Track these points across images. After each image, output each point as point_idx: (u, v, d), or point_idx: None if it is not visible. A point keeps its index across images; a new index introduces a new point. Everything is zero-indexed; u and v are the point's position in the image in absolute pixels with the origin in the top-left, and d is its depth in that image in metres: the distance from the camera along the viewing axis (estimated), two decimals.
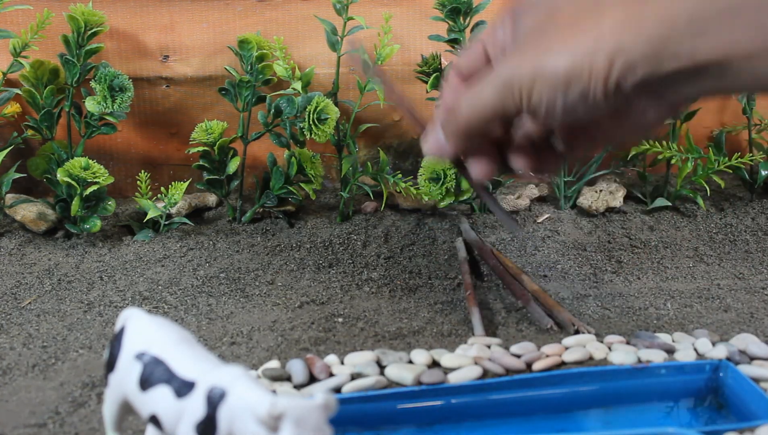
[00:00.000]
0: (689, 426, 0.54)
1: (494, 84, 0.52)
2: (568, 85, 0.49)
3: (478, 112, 0.53)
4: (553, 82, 0.50)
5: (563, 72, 0.49)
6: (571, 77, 0.49)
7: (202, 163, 0.85)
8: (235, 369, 0.41)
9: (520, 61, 0.51)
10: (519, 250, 0.83)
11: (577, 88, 0.49)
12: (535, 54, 0.50)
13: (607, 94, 0.49)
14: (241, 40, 0.85)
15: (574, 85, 0.49)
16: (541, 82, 0.50)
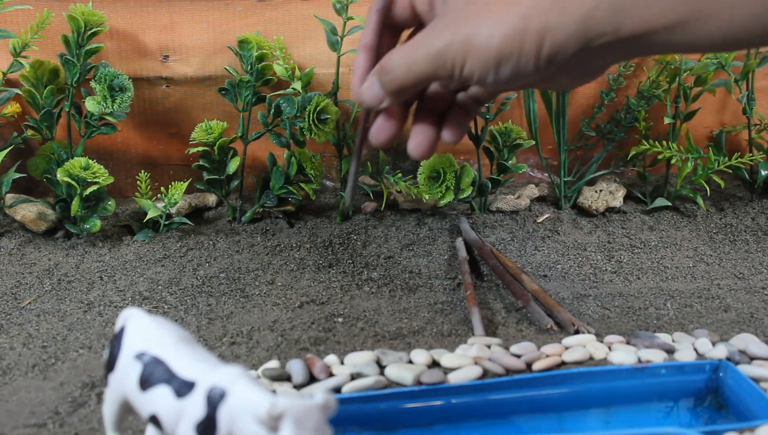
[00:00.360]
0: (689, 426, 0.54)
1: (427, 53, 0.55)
2: (499, 63, 0.52)
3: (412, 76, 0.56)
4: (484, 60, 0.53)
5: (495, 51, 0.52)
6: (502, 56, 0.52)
7: (202, 163, 0.85)
8: (235, 369, 0.41)
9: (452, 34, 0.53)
10: (519, 250, 0.83)
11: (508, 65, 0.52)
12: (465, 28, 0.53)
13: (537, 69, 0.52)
14: (241, 40, 0.85)
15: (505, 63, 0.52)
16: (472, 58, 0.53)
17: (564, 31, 0.50)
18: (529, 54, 0.52)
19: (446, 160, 0.85)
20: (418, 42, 0.56)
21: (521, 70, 0.53)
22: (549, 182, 0.98)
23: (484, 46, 0.52)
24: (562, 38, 0.51)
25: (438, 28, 0.55)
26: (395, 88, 0.58)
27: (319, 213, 0.90)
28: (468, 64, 0.54)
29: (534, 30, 0.51)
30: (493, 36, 0.52)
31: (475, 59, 0.53)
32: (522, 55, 0.52)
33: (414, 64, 0.56)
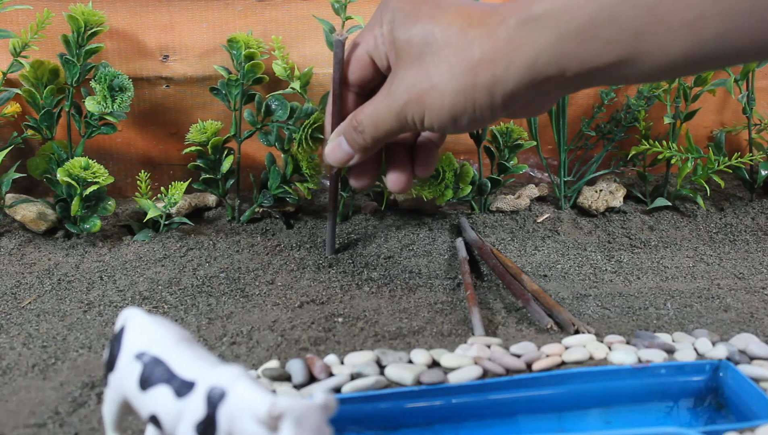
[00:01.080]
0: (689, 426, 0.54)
1: (390, 111, 0.59)
2: (455, 119, 0.56)
3: (381, 131, 0.60)
4: (439, 115, 0.56)
5: (448, 108, 0.55)
6: (455, 111, 0.55)
7: (198, 162, 0.85)
8: (235, 369, 0.41)
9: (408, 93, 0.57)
10: (519, 250, 0.83)
11: (464, 118, 0.55)
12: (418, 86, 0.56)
13: (494, 116, 0.55)
14: (230, 39, 0.85)
15: (461, 117, 0.55)
16: (429, 114, 0.56)
17: (512, 80, 0.52)
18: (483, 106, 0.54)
19: (446, 158, 0.85)
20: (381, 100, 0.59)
21: (478, 119, 0.55)
22: (549, 182, 0.99)
23: (437, 104, 0.55)
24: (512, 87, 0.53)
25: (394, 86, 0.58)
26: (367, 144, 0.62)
27: (318, 213, 0.90)
28: (426, 119, 0.57)
29: (482, 84, 0.53)
30: (444, 94, 0.55)
31: (432, 115, 0.56)
32: (476, 108, 0.54)
33: (381, 123, 0.60)
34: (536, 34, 0.51)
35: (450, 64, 0.54)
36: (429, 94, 0.55)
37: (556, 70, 0.51)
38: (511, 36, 0.52)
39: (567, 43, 0.50)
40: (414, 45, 0.56)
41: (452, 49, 0.54)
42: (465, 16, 0.54)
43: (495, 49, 0.52)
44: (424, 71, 0.55)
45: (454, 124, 0.56)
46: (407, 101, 0.57)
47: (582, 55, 0.50)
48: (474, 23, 0.54)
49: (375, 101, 0.60)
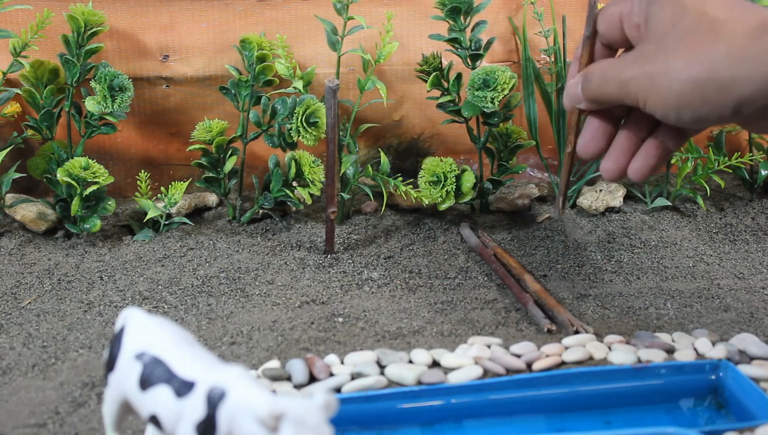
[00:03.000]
0: (689, 426, 0.54)
1: (617, 81, 0.57)
2: (679, 108, 0.54)
3: (603, 93, 0.59)
4: (664, 102, 0.54)
5: (675, 96, 0.53)
6: (682, 103, 0.53)
7: (201, 160, 0.85)
8: (235, 369, 0.41)
9: (640, 68, 0.56)
10: (519, 250, 0.83)
11: (688, 111, 0.53)
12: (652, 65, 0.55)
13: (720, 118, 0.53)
14: (243, 39, 0.85)
15: (684, 109, 0.53)
16: (653, 97, 0.55)
17: (751, 85, 0.51)
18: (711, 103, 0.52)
19: (447, 163, 0.84)
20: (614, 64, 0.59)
21: (702, 117, 0.53)
22: (549, 182, 0.98)
23: (665, 89, 0.54)
24: (749, 92, 0.51)
25: (631, 57, 0.57)
26: (590, 96, 0.61)
27: (319, 213, 0.90)
28: (650, 102, 0.55)
29: (718, 81, 0.51)
30: (676, 80, 0.53)
31: (656, 99, 0.54)
32: (704, 104, 0.52)
33: (605, 84, 0.59)
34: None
35: (690, 52, 0.53)
36: (660, 76, 0.54)
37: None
38: (760, 42, 0.51)
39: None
40: (662, 23, 0.55)
41: (697, 38, 0.53)
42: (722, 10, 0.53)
43: (741, 48, 0.51)
44: (663, 51, 0.55)
45: (677, 114, 0.54)
46: (638, 75, 0.56)
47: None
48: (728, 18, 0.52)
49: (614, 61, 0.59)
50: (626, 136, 0.63)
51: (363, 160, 0.96)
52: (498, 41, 0.94)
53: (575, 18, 0.95)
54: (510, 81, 0.82)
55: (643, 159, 0.63)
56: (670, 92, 0.53)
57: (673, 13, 0.55)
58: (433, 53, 0.86)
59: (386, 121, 0.96)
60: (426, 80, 0.85)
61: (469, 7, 0.84)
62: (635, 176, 0.64)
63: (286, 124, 0.84)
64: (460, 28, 0.85)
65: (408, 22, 0.93)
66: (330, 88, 0.74)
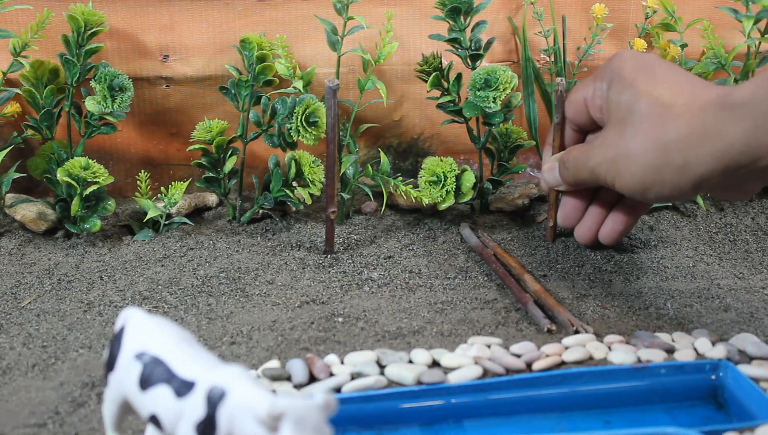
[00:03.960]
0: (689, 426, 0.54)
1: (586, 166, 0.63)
2: (644, 190, 0.58)
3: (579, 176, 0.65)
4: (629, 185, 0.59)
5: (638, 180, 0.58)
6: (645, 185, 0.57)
7: (201, 160, 0.85)
8: (235, 369, 0.41)
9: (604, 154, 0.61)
10: (519, 250, 0.83)
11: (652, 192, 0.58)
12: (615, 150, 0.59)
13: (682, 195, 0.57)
14: (243, 39, 0.85)
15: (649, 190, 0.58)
16: (619, 180, 0.59)
17: (702, 166, 0.54)
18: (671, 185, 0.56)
19: (447, 163, 0.84)
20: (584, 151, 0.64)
21: (666, 195, 0.57)
22: None
23: (628, 172, 0.58)
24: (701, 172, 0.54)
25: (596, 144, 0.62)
26: (568, 182, 0.68)
27: (318, 213, 0.90)
28: (617, 184, 0.60)
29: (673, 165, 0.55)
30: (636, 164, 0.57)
31: (623, 181, 0.59)
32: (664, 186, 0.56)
33: (578, 171, 0.65)
34: (731, 123, 0.52)
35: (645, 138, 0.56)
36: (622, 161, 0.58)
37: (749, 160, 0.52)
38: (706, 122, 0.53)
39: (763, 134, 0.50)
40: (621, 109, 0.59)
41: (651, 124, 0.56)
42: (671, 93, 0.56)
43: (689, 134, 0.54)
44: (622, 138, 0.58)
45: (643, 194, 0.58)
46: (602, 161, 0.60)
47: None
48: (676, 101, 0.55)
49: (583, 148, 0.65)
50: (598, 207, 0.71)
51: (363, 160, 0.96)
52: (498, 41, 0.94)
53: (575, 18, 0.95)
54: (511, 80, 0.82)
55: (612, 225, 0.70)
56: (633, 178, 0.58)
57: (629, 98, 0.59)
58: (433, 53, 0.86)
59: (386, 121, 0.96)
60: (426, 80, 0.85)
61: (469, 7, 0.84)
62: (606, 240, 0.72)
63: (286, 124, 0.84)
64: (460, 28, 0.85)
65: (408, 22, 0.93)
66: (330, 88, 0.74)
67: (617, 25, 0.95)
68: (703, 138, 0.53)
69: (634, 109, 0.58)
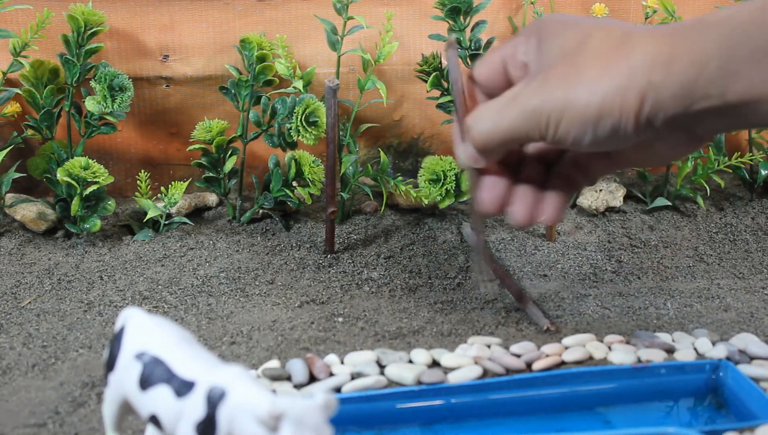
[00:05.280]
0: (689, 426, 0.54)
1: (519, 111, 0.52)
2: (598, 121, 0.50)
3: (500, 133, 0.53)
4: (583, 117, 0.50)
5: (595, 108, 0.50)
6: (602, 113, 0.50)
7: (201, 161, 0.85)
8: (235, 369, 0.41)
9: (550, 91, 0.51)
10: (519, 249, 0.83)
11: (607, 123, 0.50)
12: (564, 85, 0.51)
13: (637, 129, 0.50)
14: (243, 39, 0.85)
15: (604, 120, 0.50)
16: (570, 115, 0.51)
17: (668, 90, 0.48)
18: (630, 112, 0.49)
19: (446, 162, 0.84)
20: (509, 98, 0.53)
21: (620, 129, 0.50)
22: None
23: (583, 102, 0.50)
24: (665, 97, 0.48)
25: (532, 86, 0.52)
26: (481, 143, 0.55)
27: (318, 213, 0.90)
28: (564, 123, 0.51)
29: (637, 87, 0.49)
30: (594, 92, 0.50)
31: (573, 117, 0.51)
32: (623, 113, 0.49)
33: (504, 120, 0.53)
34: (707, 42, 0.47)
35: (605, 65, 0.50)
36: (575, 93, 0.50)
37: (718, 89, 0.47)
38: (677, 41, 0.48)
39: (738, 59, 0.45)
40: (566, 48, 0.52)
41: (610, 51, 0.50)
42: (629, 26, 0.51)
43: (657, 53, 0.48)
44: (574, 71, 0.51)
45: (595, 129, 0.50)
46: (547, 98, 0.51)
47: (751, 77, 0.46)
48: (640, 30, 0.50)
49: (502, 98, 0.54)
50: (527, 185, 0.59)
51: (363, 160, 0.96)
52: (498, 41, 0.94)
53: None
54: None
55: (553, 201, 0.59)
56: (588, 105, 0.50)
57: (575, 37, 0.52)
58: (433, 53, 0.86)
59: (386, 121, 0.96)
60: (426, 80, 0.85)
61: (469, 7, 0.85)
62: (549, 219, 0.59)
63: (286, 124, 0.84)
64: (459, 28, 0.85)
65: (408, 22, 0.93)
66: (330, 88, 0.74)
67: None
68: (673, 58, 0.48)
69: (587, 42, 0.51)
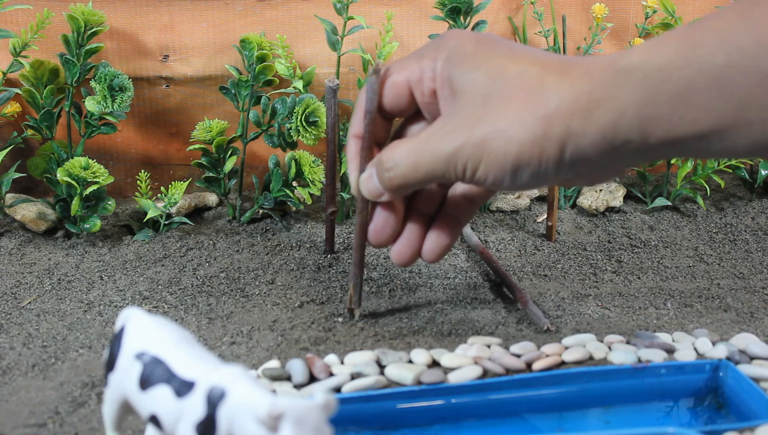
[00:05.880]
0: (689, 426, 0.54)
1: (436, 155, 0.52)
2: (517, 169, 0.49)
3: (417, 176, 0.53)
4: (501, 164, 0.50)
5: (513, 157, 0.49)
6: (520, 162, 0.49)
7: (201, 161, 0.85)
8: (235, 369, 0.41)
9: (466, 135, 0.50)
10: (519, 249, 0.83)
11: (527, 171, 0.49)
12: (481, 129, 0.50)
13: (558, 173, 0.49)
14: (243, 39, 0.85)
15: (523, 169, 0.49)
16: (488, 162, 0.50)
17: (587, 138, 0.47)
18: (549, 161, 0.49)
19: None
20: (425, 140, 0.53)
21: (540, 175, 0.50)
22: None
23: (501, 152, 0.49)
24: (585, 145, 0.47)
25: (449, 128, 0.52)
26: (396, 185, 0.55)
27: (318, 213, 0.90)
28: (482, 168, 0.50)
29: (555, 136, 0.48)
30: (511, 141, 0.49)
31: (491, 164, 0.50)
32: (542, 162, 0.49)
33: (421, 165, 0.53)
34: (623, 90, 0.46)
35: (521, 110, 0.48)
36: (492, 140, 0.49)
37: (639, 134, 0.46)
38: (594, 88, 0.47)
39: (657, 105, 0.45)
40: (479, 85, 0.51)
41: (526, 94, 0.49)
42: (543, 63, 0.49)
43: (574, 100, 0.47)
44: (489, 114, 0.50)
45: (514, 176, 0.50)
46: (464, 144, 0.50)
47: (672, 121, 0.45)
48: (554, 70, 0.48)
49: (419, 139, 0.53)
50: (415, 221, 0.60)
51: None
52: None
53: (575, 18, 0.95)
54: None
55: (436, 239, 0.60)
56: (506, 155, 0.49)
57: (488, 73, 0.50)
58: None
59: None
60: None
61: (469, 7, 0.85)
62: (430, 257, 0.60)
63: (286, 124, 0.84)
64: (460, 28, 0.85)
65: (408, 22, 0.93)
66: (330, 88, 0.74)
67: (617, 25, 0.95)
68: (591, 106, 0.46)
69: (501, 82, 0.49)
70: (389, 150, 0.55)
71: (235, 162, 0.86)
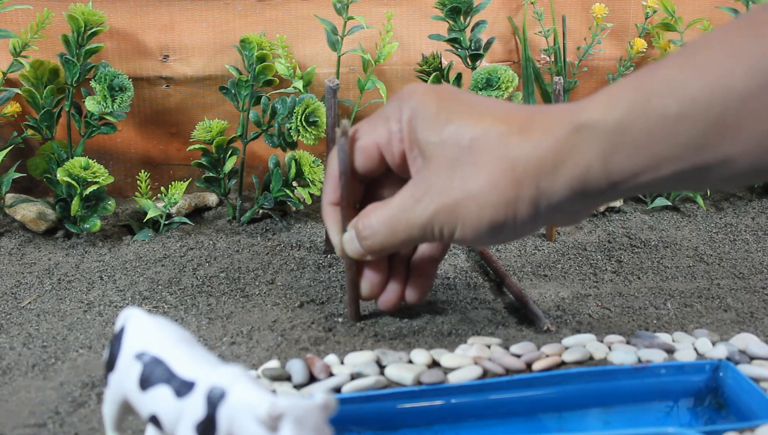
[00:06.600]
0: (689, 426, 0.54)
1: (411, 222, 0.53)
2: (494, 231, 0.51)
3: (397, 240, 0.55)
4: (477, 226, 0.51)
5: (487, 220, 0.51)
6: (495, 223, 0.51)
7: (201, 161, 0.85)
8: (235, 369, 0.41)
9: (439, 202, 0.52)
10: (519, 250, 0.83)
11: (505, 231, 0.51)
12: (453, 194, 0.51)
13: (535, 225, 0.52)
14: (243, 39, 0.85)
15: (501, 230, 0.51)
16: (463, 225, 0.52)
17: (558, 193, 0.49)
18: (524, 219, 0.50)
19: None
20: (399, 207, 0.54)
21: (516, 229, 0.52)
22: None
23: (475, 215, 0.51)
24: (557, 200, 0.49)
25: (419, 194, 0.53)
26: (376, 251, 0.57)
27: (319, 213, 0.90)
28: (459, 231, 0.52)
29: (527, 197, 0.49)
30: (484, 205, 0.50)
31: (467, 227, 0.52)
32: (517, 221, 0.51)
33: (398, 232, 0.55)
34: (586, 145, 0.47)
35: (490, 173, 0.50)
36: (465, 205, 0.51)
37: (607, 183, 0.48)
38: (558, 146, 0.48)
39: (620, 156, 0.47)
40: (447, 148, 0.51)
41: (492, 157, 0.50)
42: (504, 121, 0.50)
43: (541, 159, 0.48)
44: (459, 179, 0.51)
45: (493, 236, 0.52)
46: (437, 211, 0.52)
47: (636, 169, 0.47)
48: (515, 129, 0.50)
49: (392, 206, 0.55)
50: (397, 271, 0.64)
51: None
52: (498, 41, 0.94)
53: (575, 18, 0.95)
54: (513, 80, 0.82)
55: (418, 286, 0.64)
56: (481, 219, 0.51)
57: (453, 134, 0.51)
58: (433, 53, 0.86)
59: None
60: (426, 80, 0.85)
61: (469, 7, 0.85)
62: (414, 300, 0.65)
63: (286, 124, 0.84)
64: (460, 28, 0.85)
65: (408, 22, 0.93)
66: (330, 88, 0.74)
67: (617, 25, 0.95)
68: (557, 163, 0.48)
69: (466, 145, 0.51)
70: (365, 217, 0.57)
71: (235, 162, 0.86)
